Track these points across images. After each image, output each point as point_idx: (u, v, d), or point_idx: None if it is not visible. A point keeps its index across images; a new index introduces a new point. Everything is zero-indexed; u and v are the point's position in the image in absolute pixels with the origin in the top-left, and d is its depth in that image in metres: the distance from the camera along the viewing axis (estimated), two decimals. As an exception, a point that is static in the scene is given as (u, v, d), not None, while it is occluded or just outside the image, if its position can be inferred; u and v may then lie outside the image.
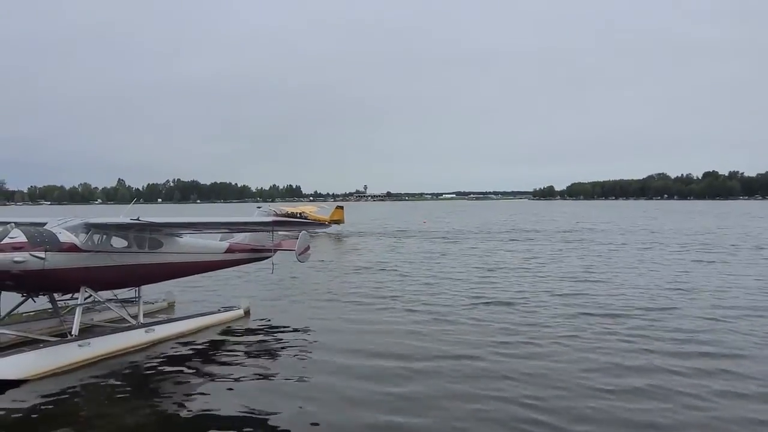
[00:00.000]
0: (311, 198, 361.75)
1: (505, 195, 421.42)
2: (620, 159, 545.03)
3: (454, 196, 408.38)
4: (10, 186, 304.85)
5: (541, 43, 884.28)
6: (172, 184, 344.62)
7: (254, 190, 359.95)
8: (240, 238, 18.94)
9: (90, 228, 13.72)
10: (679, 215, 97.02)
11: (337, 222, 57.40)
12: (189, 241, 16.63)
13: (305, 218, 52.08)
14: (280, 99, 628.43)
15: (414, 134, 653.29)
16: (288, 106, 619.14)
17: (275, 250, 20.18)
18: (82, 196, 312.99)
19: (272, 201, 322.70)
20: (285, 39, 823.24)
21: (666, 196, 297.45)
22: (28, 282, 12.59)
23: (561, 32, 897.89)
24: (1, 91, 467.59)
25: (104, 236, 13.99)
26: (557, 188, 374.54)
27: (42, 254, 12.41)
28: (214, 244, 17.78)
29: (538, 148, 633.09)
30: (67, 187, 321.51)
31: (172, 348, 14.07)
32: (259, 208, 23.27)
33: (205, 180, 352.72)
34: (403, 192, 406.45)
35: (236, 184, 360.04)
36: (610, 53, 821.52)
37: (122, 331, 13.86)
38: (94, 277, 13.67)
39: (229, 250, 18.13)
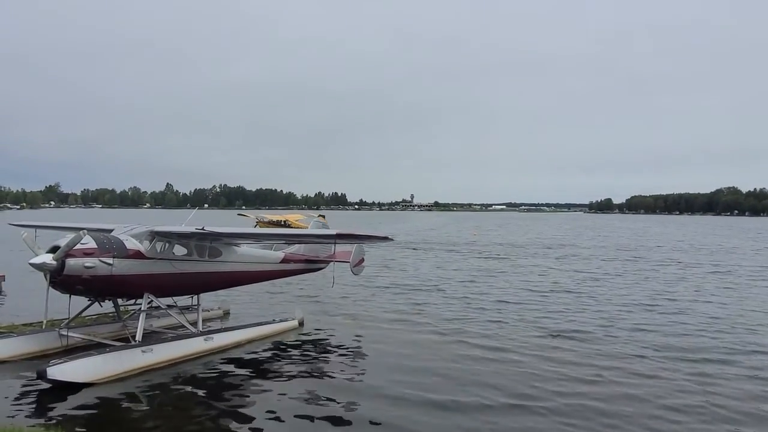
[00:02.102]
0: (356, 206, 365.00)
1: (559, 207, 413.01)
2: (685, 171, 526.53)
3: (504, 207, 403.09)
4: (65, 189, 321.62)
5: (598, 47, 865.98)
6: (218, 190, 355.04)
7: (299, 198, 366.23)
8: (295, 248, 19.38)
9: (154, 236, 14.39)
10: (755, 234, 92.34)
11: None
12: (246, 250, 17.16)
13: (289, 226, 52.08)
14: (328, 105, 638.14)
15: (463, 142, 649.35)
16: (335, 112, 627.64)
17: (329, 261, 20.66)
18: (132, 199, 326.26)
19: (317, 208, 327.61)
20: (333, 44, 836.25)
21: (737, 212, 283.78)
22: (96, 287, 13.30)
23: (619, 36, 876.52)
24: (58, 96, 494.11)
25: (167, 244, 14.63)
26: (615, 201, 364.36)
27: (110, 260, 13.12)
28: (270, 253, 18.28)
29: (594, 157, 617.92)
30: (118, 190, 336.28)
31: (229, 357, 14.56)
32: (240, 215, 23.83)
33: (251, 186, 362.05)
34: (450, 202, 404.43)
35: (281, 190, 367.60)
36: (673, 58, 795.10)
37: (183, 338, 14.42)
38: (156, 283, 14.31)
39: (284, 260, 18.60)
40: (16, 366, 13.18)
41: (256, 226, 54.64)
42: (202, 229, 14.37)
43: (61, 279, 12.67)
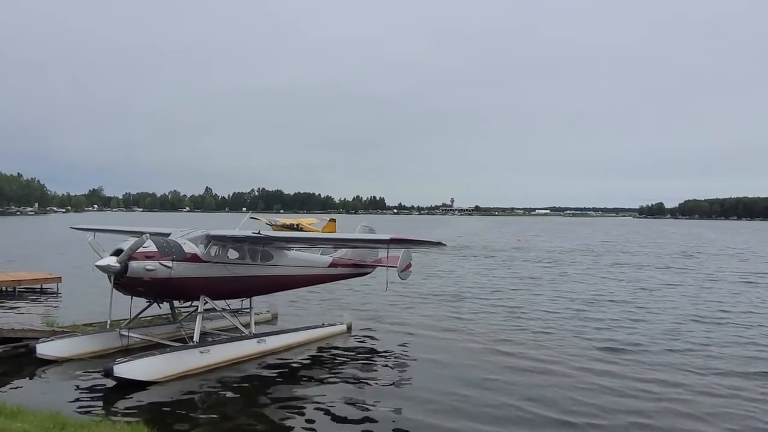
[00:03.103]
0: (395, 211, 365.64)
1: (606, 212, 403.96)
2: (743, 173, 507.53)
3: (548, 211, 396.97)
4: (107, 192, 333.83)
5: (649, 43, 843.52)
6: (256, 194, 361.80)
7: (337, 201, 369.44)
8: (342, 252, 19.91)
9: (210, 239, 15.12)
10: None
11: None
12: (296, 254, 17.77)
13: (301, 229, 52.50)
14: (366, 108, 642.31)
15: (505, 144, 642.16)
16: (374, 115, 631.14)
17: (376, 266, 21.14)
18: (172, 203, 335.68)
19: (355, 213, 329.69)
20: (371, 46, 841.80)
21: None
22: (156, 288, 14.11)
23: (671, 31, 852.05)
24: (99, 102, 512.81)
25: (222, 248, 15.34)
26: (668, 205, 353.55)
27: (169, 263, 13.90)
28: (318, 258, 18.85)
29: (644, 160, 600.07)
30: (158, 194, 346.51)
31: (279, 360, 15.18)
32: (252, 218, 24.32)
33: (289, 190, 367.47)
34: (492, 206, 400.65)
35: (319, 194, 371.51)
36: (729, 55, 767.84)
37: (237, 340, 15.12)
38: (212, 286, 15.04)
39: (332, 265, 19.15)
40: (82, 364, 14.08)
41: (270, 229, 55.42)
42: (258, 233, 15.02)
43: (124, 281, 13.51)
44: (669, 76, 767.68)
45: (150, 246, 13.68)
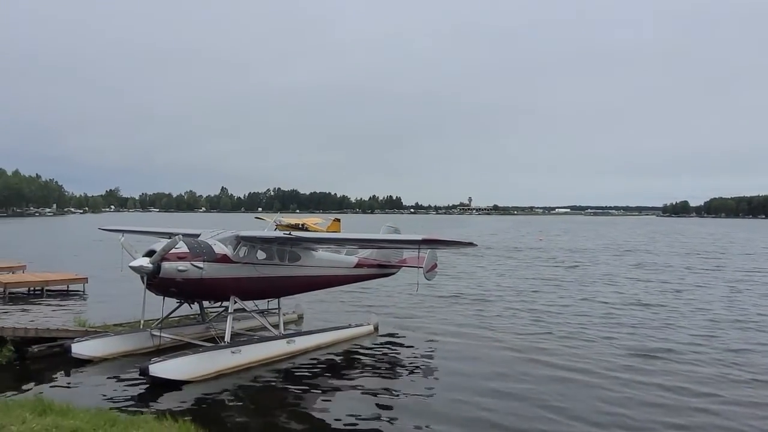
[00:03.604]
0: (412, 210, 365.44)
1: (629, 210, 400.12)
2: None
3: (568, 210, 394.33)
4: (124, 193, 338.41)
5: (672, 38, 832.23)
6: (272, 194, 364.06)
7: (353, 201, 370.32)
8: (367, 253, 20.15)
9: (239, 240, 15.44)
10: None
11: None
12: (323, 255, 18.04)
13: (306, 229, 52.92)
14: (384, 107, 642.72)
15: (524, 142, 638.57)
16: (391, 114, 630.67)
17: (401, 267, 21.36)
18: (188, 203, 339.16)
19: (371, 212, 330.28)
20: (390, 44, 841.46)
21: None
22: (187, 289, 14.46)
23: (695, 25, 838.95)
24: (115, 103, 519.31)
25: (251, 248, 15.65)
26: (692, 204, 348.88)
27: (201, 264, 14.24)
28: (345, 258, 19.12)
29: (668, 157, 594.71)
30: (174, 194, 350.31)
31: (307, 360, 15.47)
32: (257, 218, 24.48)
33: (305, 190, 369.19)
34: (511, 205, 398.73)
35: (335, 194, 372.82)
36: (757, 48, 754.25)
37: (267, 340, 15.44)
38: (241, 287, 15.37)
39: (358, 265, 19.41)
40: (116, 363, 14.50)
41: (275, 230, 55.74)
42: (289, 234, 15.31)
43: (156, 281, 13.87)
44: (692, 72, 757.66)
45: (182, 247, 14.02)
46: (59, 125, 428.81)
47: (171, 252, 13.75)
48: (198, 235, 16.01)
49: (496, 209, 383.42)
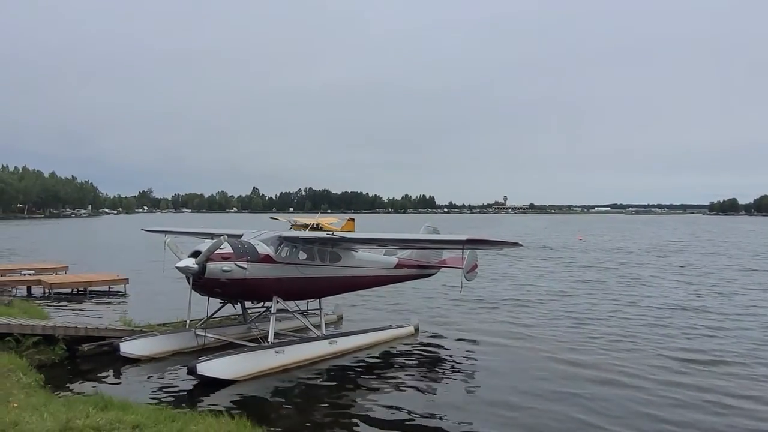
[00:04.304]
0: (445, 209, 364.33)
1: (672, 209, 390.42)
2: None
3: (608, 209, 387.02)
4: (157, 194, 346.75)
5: (716, 28, 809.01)
6: (303, 194, 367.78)
7: (386, 200, 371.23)
8: (407, 253, 20.37)
9: (282, 241, 15.85)
10: None
11: None
12: (363, 255, 18.35)
13: (321, 229, 53.00)
14: (416, 104, 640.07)
15: (562, 139, 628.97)
16: (424, 111, 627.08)
17: (440, 267, 21.52)
18: (219, 204, 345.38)
19: (404, 212, 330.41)
20: (420, 40, 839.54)
21: None
22: (231, 290, 14.92)
23: (739, 14, 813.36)
24: (146, 104, 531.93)
25: (293, 249, 16.04)
26: (741, 201, 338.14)
27: (245, 264, 14.67)
28: (385, 259, 19.39)
29: (715, 152, 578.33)
30: (206, 195, 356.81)
31: (348, 361, 15.80)
32: (272, 219, 24.63)
33: (337, 189, 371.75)
34: (548, 204, 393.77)
35: (367, 193, 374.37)
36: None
37: (310, 341, 15.82)
38: (284, 287, 15.77)
39: (398, 266, 19.66)
40: (163, 362, 15.10)
41: (290, 229, 56.40)
42: (332, 234, 15.64)
43: (202, 282, 14.37)
44: (738, 63, 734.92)
45: (226, 247, 14.48)
46: (93, 127, 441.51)
47: (216, 252, 14.21)
48: (241, 236, 16.47)
49: (532, 208, 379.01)
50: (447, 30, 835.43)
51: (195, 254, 14.38)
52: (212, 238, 17.90)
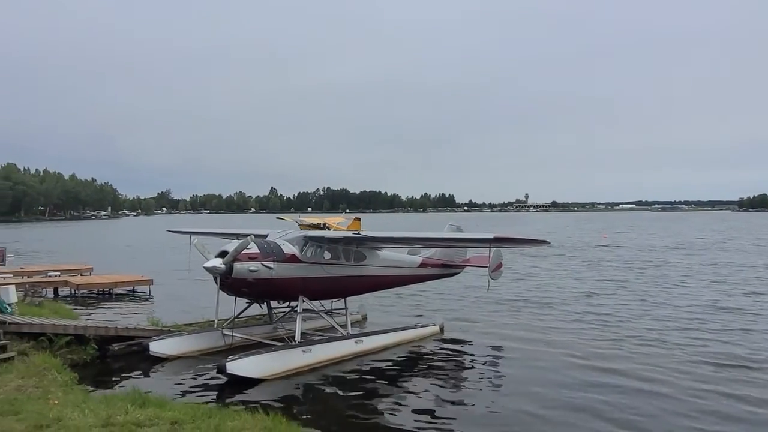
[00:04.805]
0: (465, 208, 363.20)
1: (700, 205, 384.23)
2: None
3: (633, 206, 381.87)
4: (175, 195, 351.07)
5: (742, 19, 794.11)
6: (321, 193, 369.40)
7: (404, 199, 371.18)
8: (431, 252, 20.53)
9: (307, 240, 16.12)
10: None
11: None
12: (388, 254, 18.56)
13: (328, 228, 53.27)
14: (435, 101, 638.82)
15: (584, 135, 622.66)
16: (443, 108, 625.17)
17: (464, 266, 21.64)
18: (237, 204, 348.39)
19: (423, 211, 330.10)
20: (438, 35, 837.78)
21: None
22: (258, 289, 15.24)
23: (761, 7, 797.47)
24: (162, 104, 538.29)
25: (318, 248, 16.30)
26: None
27: (271, 264, 14.98)
28: (409, 258, 19.59)
29: (744, 147, 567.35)
30: (224, 195, 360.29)
31: (374, 360, 16.02)
32: (278, 218, 24.74)
33: (355, 189, 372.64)
34: (570, 201, 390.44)
35: (386, 192, 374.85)
36: None
37: (336, 340, 16.09)
38: (309, 286, 16.05)
39: (422, 265, 19.84)
40: (191, 361, 15.48)
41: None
42: (358, 233, 15.88)
43: (229, 281, 14.70)
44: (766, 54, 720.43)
45: (253, 248, 14.78)
46: (112, 129, 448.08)
47: (243, 252, 14.52)
48: (266, 236, 16.78)
49: (554, 206, 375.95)
50: (469, 25, 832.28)
51: (222, 254, 14.70)
52: (238, 239, 18.29)
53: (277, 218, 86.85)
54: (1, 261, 30.43)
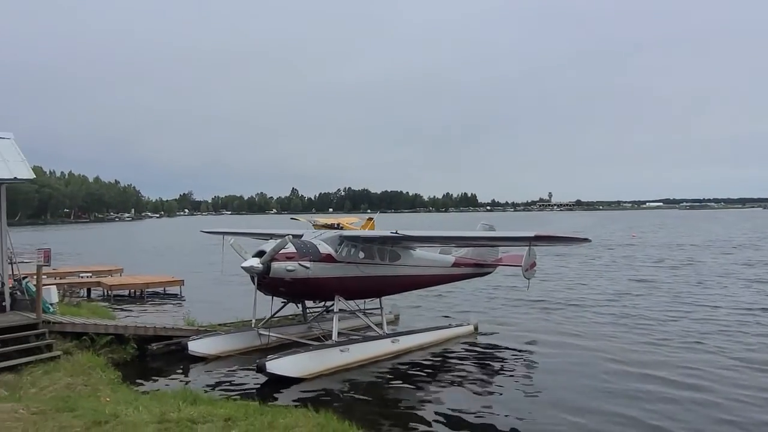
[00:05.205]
0: (488, 207, 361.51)
1: (730, 203, 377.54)
2: None
3: (660, 204, 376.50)
4: (197, 197, 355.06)
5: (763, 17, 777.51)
6: (342, 194, 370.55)
7: (426, 199, 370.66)
8: (463, 252, 20.55)
9: (343, 240, 16.26)
10: None
11: None
12: (421, 254, 18.64)
13: (342, 229, 53.15)
14: (457, 99, 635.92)
15: (610, 131, 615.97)
16: (465, 106, 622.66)
17: (497, 266, 21.62)
18: (259, 205, 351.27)
19: (445, 211, 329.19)
20: (468, 33, 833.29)
21: None
22: (295, 289, 15.44)
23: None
24: (184, 105, 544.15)
25: (353, 248, 16.43)
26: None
27: (308, 264, 15.15)
28: (443, 257, 19.64)
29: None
30: (246, 197, 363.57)
31: (412, 359, 16.12)
32: (291, 219, 24.76)
33: (376, 189, 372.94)
34: (595, 200, 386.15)
35: (408, 192, 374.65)
36: None
37: (373, 339, 16.23)
38: (345, 286, 16.20)
39: (455, 264, 19.87)
40: (229, 360, 15.75)
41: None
42: (395, 232, 15.98)
43: (266, 281, 14.90)
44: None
45: (290, 247, 14.96)
46: (134, 131, 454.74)
47: (280, 252, 14.71)
48: (301, 236, 16.95)
49: (578, 204, 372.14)
50: (493, 22, 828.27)
51: (259, 254, 14.92)
52: (271, 239, 18.52)
53: (291, 218, 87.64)
54: (46, 261, 31.18)
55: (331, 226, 58.57)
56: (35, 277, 14.99)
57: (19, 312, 15.05)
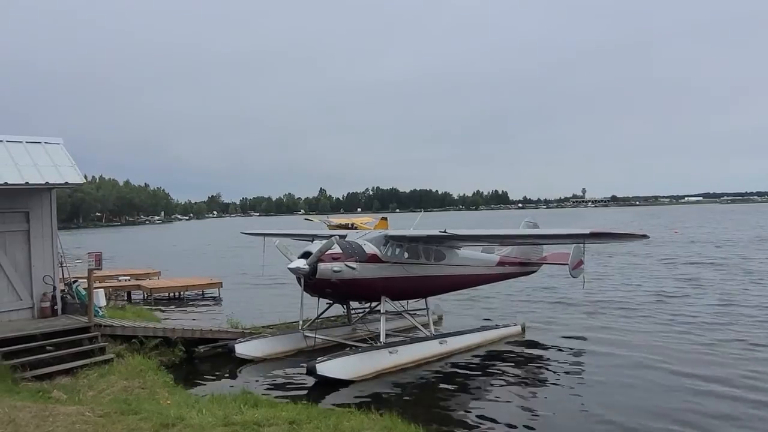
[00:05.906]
0: (519, 205, 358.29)
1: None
2: None
3: (700, 198, 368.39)
4: (225, 198, 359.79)
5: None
6: (371, 193, 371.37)
7: (456, 197, 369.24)
8: (507, 251, 20.41)
9: (388, 240, 16.30)
10: None
11: None
12: (466, 253, 18.58)
13: (356, 228, 52.79)
14: (486, 94, 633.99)
15: (646, 124, 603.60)
16: (495, 101, 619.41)
17: (542, 264, 21.44)
18: (287, 206, 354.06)
19: (475, 209, 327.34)
20: (498, 27, 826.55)
21: None
22: (341, 290, 15.52)
23: None
24: (212, 107, 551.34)
25: (398, 248, 16.45)
26: None
27: (354, 264, 15.21)
28: (487, 256, 19.56)
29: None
30: (274, 198, 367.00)
31: (459, 360, 16.10)
32: (305, 219, 24.66)
33: (405, 187, 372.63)
34: (631, 195, 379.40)
35: (437, 191, 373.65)
36: None
37: (421, 341, 16.24)
38: (391, 286, 16.23)
39: (500, 263, 19.77)
40: (276, 363, 15.92)
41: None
42: (444, 231, 15.95)
43: (313, 282, 15.00)
44: None
45: (336, 248, 15.05)
46: (163, 134, 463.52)
47: (326, 253, 14.80)
48: (345, 236, 17.04)
49: (614, 200, 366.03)
50: (523, 16, 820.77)
51: (305, 255, 15.03)
52: (312, 240, 18.68)
53: (305, 219, 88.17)
54: (98, 265, 31.95)
55: (346, 226, 58.83)
56: (85, 280, 15.37)
57: (70, 315, 15.48)
